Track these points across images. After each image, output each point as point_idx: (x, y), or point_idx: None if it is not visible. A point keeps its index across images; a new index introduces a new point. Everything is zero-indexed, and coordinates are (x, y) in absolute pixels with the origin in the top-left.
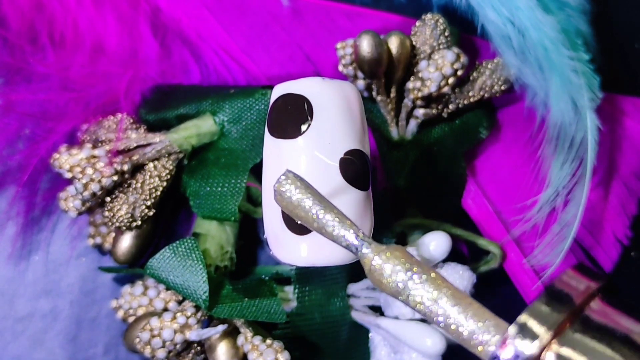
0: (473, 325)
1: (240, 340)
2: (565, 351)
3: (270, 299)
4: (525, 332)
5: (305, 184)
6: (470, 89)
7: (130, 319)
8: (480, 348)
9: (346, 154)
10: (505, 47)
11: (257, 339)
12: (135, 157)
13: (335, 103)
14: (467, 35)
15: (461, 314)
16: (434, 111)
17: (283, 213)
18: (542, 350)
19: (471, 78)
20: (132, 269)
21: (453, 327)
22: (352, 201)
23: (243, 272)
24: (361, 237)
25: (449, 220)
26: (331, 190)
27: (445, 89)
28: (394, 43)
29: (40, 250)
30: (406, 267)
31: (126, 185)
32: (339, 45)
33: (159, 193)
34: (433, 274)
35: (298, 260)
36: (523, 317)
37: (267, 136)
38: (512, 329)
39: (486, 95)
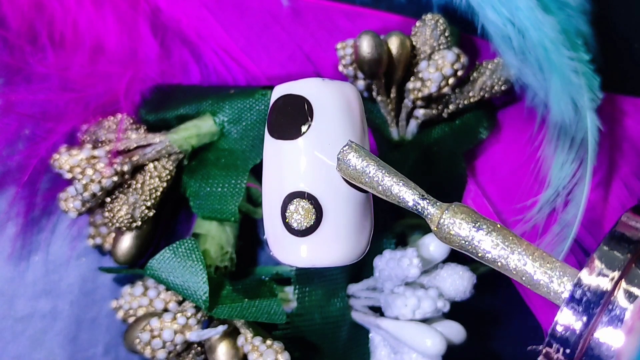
0: (542, 269)
1: (241, 340)
2: (634, 288)
3: (270, 299)
4: (595, 273)
5: (367, 152)
6: (471, 89)
7: (131, 320)
8: (551, 291)
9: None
10: (505, 47)
11: (257, 340)
12: (135, 158)
13: (335, 104)
14: (467, 35)
15: (529, 260)
16: (434, 111)
17: (283, 214)
18: (613, 288)
19: (471, 78)
20: (132, 270)
21: (523, 273)
22: (352, 202)
23: (243, 272)
24: (427, 196)
25: None
26: (332, 192)
27: (446, 90)
28: (394, 43)
29: (40, 250)
30: (472, 220)
31: (126, 186)
32: (339, 46)
33: (159, 193)
34: (499, 225)
35: (298, 261)
36: (595, 261)
37: (267, 137)
38: (583, 272)
39: (486, 95)
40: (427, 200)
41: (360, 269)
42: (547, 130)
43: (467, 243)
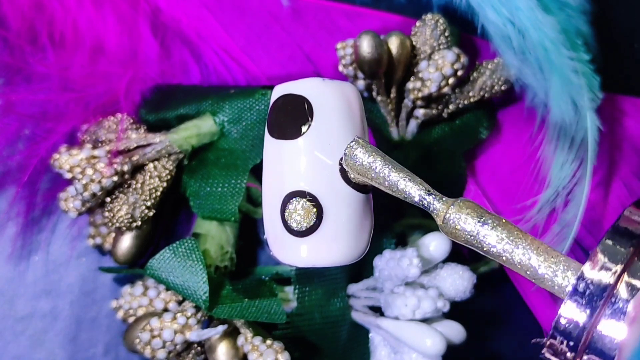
0: (546, 263)
1: (241, 340)
2: (636, 281)
3: (270, 299)
4: (598, 266)
5: (374, 147)
6: (471, 89)
7: (131, 319)
8: (555, 285)
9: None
10: (505, 47)
11: (257, 340)
12: (135, 158)
13: (335, 103)
14: (467, 35)
15: (534, 254)
16: (434, 111)
17: (282, 215)
18: (616, 281)
19: (471, 78)
20: (132, 269)
21: (527, 267)
22: (352, 202)
23: (243, 272)
24: (433, 192)
25: None
26: (332, 192)
27: (446, 89)
28: (394, 43)
29: (40, 250)
30: (478, 215)
31: (126, 186)
32: (339, 46)
33: (159, 193)
34: (504, 220)
35: (298, 261)
36: (598, 255)
37: (267, 137)
38: (586, 266)
39: (486, 95)
40: (433, 196)
41: (360, 269)
42: (547, 130)
43: (472, 238)
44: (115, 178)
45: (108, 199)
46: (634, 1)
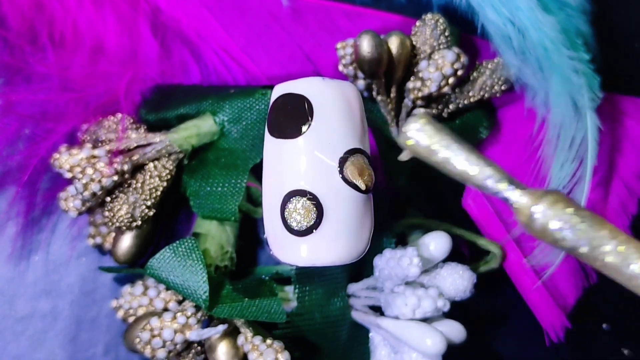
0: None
1: (241, 340)
2: None
3: (270, 299)
4: None
5: (441, 126)
6: (471, 89)
7: (131, 319)
8: None
9: (346, 152)
10: (505, 47)
11: (257, 339)
12: (135, 157)
13: (335, 103)
14: (467, 35)
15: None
16: (434, 111)
17: (282, 214)
18: None
19: (471, 78)
20: (132, 269)
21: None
22: (352, 201)
23: (243, 272)
24: (513, 182)
25: (449, 220)
26: (332, 191)
27: (446, 89)
28: (394, 43)
29: (40, 250)
30: (570, 212)
31: (126, 185)
32: (339, 45)
33: (159, 193)
34: (599, 217)
35: (298, 260)
36: None
37: (267, 136)
38: None
39: (486, 95)
40: (515, 187)
41: (361, 268)
42: (547, 130)
43: (563, 237)
44: (116, 177)
45: (108, 199)
46: (634, 1)
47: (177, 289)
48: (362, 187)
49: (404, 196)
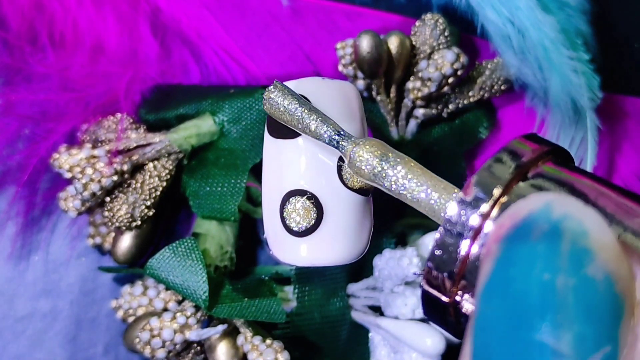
0: (434, 193)
1: (240, 340)
2: (514, 200)
3: (270, 299)
4: (479, 189)
5: (291, 91)
6: (470, 89)
7: (130, 319)
8: (438, 210)
9: None
10: (505, 47)
11: (257, 339)
12: (135, 157)
13: (335, 103)
14: (467, 35)
15: (430, 189)
16: (434, 111)
17: (282, 214)
18: (494, 203)
19: (471, 78)
20: (132, 269)
21: (420, 198)
22: (352, 201)
23: (243, 272)
24: (342, 132)
25: None
26: (332, 191)
27: (445, 89)
28: (394, 43)
29: (40, 250)
30: (381, 153)
31: (126, 185)
32: (338, 45)
33: (158, 193)
34: (406, 159)
35: (298, 260)
36: (474, 178)
37: (267, 136)
38: (464, 192)
39: (486, 95)
40: (342, 136)
41: (360, 269)
42: (547, 130)
43: (374, 176)
44: (115, 177)
45: (108, 199)
46: (634, 1)
47: (177, 289)
48: (365, 187)
49: None
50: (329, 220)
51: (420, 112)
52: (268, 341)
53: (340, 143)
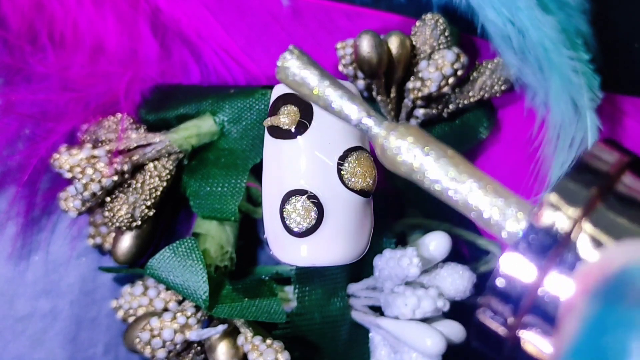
0: (494, 204)
1: (241, 340)
2: (596, 229)
3: (270, 299)
4: (554, 209)
5: (311, 60)
6: (470, 89)
7: (130, 319)
8: (502, 229)
9: (346, 151)
10: (505, 47)
11: (257, 339)
12: (135, 157)
13: None
14: (467, 35)
15: (481, 192)
16: (434, 111)
17: (282, 214)
18: (572, 227)
19: (471, 78)
20: (132, 269)
21: (473, 207)
22: (352, 201)
23: (243, 272)
24: (372, 114)
25: (449, 220)
26: (332, 191)
27: (446, 89)
28: (394, 43)
29: (40, 250)
30: (422, 144)
31: (126, 185)
32: (339, 45)
33: (159, 193)
34: (450, 152)
35: (298, 260)
36: (551, 196)
37: (267, 136)
38: (539, 208)
39: (486, 95)
40: (374, 118)
41: (360, 269)
42: (547, 130)
43: (412, 171)
44: (115, 178)
45: (108, 199)
46: (634, 1)
47: (177, 289)
48: (366, 189)
49: (404, 196)
50: (329, 220)
51: (420, 112)
52: (268, 341)
53: (370, 127)
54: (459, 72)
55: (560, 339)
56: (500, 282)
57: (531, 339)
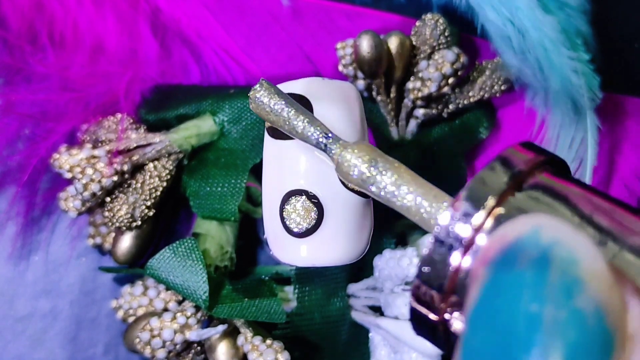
0: (431, 205)
1: (240, 340)
2: (507, 216)
3: (270, 299)
4: (471, 199)
5: (278, 91)
6: (470, 89)
7: (130, 319)
8: (436, 225)
9: None
10: (505, 47)
11: (257, 339)
12: (135, 157)
13: (335, 103)
14: (467, 35)
15: (420, 197)
16: (434, 111)
17: (282, 214)
18: (486, 217)
19: (471, 78)
20: (132, 269)
21: (413, 210)
22: (352, 201)
23: (243, 272)
24: (330, 135)
25: None
26: (331, 192)
27: (445, 89)
28: (394, 43)
29: (40, 250)
30: (370, 158)
31: (126, 186)
32: (339, 45)
33: (159, 193)
34: (396, 164)
35: (298, 261)
36: (466, 187)
37: (267, 136)
38: (458, 200)
39: (486, 95)
40: (331, 139)
41: (360, 269)
42: (547, 130)
43: (362, 182)
44: (115, 178)
45: (108, 199)
46: (634, 1)
47: (177, 289)
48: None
49: None
50: (329, 220)
51: (420, 112)
52: (268, 341)
53: (327, 146)
54: (459, 72)
55: (465, 307)
56: (426, 266)
57: (459, 319)
